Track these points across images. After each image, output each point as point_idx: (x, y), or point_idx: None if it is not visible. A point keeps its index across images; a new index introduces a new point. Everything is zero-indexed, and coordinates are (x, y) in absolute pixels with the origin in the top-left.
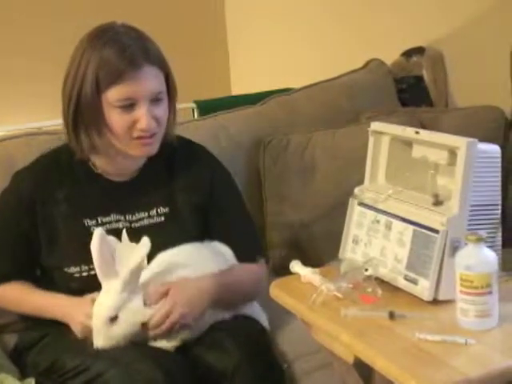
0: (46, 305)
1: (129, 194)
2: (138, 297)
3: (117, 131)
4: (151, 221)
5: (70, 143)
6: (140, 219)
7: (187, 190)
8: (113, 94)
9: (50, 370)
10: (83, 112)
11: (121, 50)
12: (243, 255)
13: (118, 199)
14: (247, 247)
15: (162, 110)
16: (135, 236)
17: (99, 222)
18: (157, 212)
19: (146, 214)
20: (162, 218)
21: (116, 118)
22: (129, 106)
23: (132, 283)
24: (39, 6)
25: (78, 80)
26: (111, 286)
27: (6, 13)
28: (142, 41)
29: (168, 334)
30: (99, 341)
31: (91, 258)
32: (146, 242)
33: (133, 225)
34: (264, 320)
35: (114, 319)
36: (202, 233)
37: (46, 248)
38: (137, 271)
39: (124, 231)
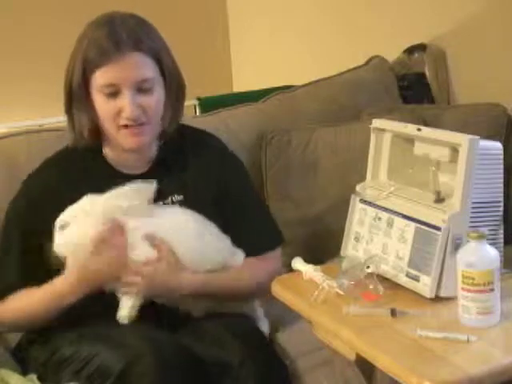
0: (53, 289)
1: None
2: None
3: (103, 118)
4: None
5: (69, 131)
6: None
7: (200, 179)
8: (97, 78)
9: (49, 361)
10: (74, 95)
11: (109, 33)
12: (261, 246)
13: None
14: (264, 237)
15: (151, 100)
16: None
17: None
18: (171, 200)
19: (161, 202)
20: (177, 206)
21: (102, 104)
22: (113, 92)
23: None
24: (39, 5)
25: (71, 63)
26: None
27: (6, 13)
28: (138, 28)
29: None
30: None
31: None
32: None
33: None
34: (265, 325)
35: (64, 226)
36: (215, 221)
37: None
38: (113, 207)
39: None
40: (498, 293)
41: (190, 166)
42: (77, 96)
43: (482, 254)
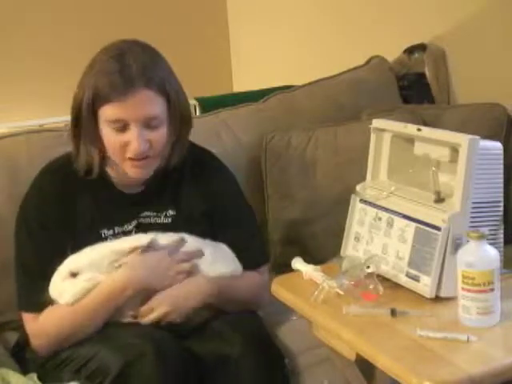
0: (101, 293)
1: (140, 205)
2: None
3: (110, 149)
4: (158, 220)
5: (75, 156)
6: (147, 216)
7: (195, 197)
8: (106, 112)
9: (49, 360)
10: (82, 125)
11: (122, 68)
12: (248, 262)
13: (131, 210)
14: (252, 255)
15: (157, 135)
16: (141, 230)
17: (116, 232)
18: (165, 215)
19: (154, 213)
20: (170, 220)
21: (109, 136)
22: (122, 127)
23: (110, 260)
24: (39, 5)
25: (80, 91)
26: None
27: (6, 12)
28: (149, 63)
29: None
30: (52, 286)
31: None
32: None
33: (140, 220)
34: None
35: (73, 275)
36: (206, 235)
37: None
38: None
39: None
40: (498, 293)
41: (184, 182)
42: (85, 126)
43: (482, 254)
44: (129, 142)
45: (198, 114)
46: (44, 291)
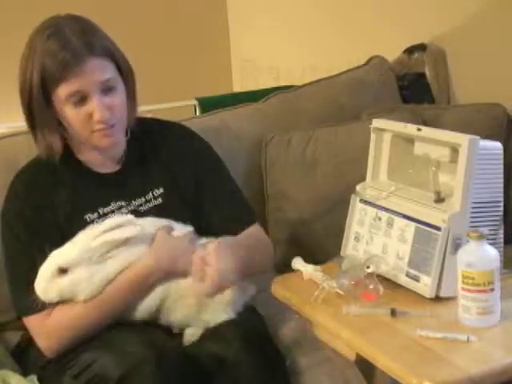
0: (128, 276)
1: (120, 183)
2: (99, 268)
3: (75, 127)
4: (149, 205)
5: (38, 147)
6: (139, 205)
7: (174, 167)
8: (62, 91)
9: (50, 363)
10: (34, 109)
11: (62, 45)
12: (242, 220)
13: (112, 189)
14: (242, 213)
15: (116, 99)
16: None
17: (101, 213)
18: (153, 195)
19: (143, 199)
20: (160, 200)
21: (71, 114)
22: (80, 99)
23: (101, 252)
24: (39, 5)
25: (27, 78)
26: (83, 240)
27: (6, 12)
28: (86, 32)
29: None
30: (40, 285)
31: None
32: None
33: (138, 209)
34: (252, 290)
35: (63, 271)
36: (198, 207)
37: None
38: (109, 243)
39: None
40: (498, 293)
41: (162, 158)
42: (38, 111)
43: (482, 254)
44: (92, 113)
45: (198, 114)
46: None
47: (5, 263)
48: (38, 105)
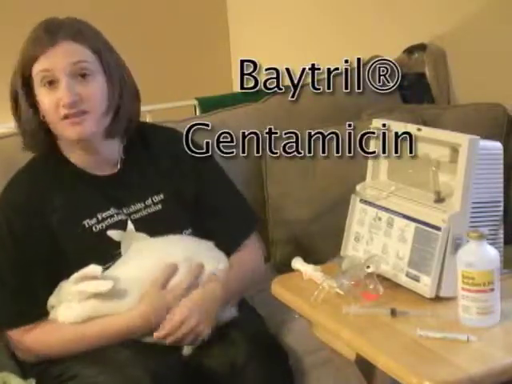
0: (120, 324)
1: (118, 187)
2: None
3: (48, 114)
4: (149, 210)
5: (21, 136)
6: (138, 210)
7: (174, 173)
8: (35, 70)
9: (47, 371)
10: (19, 96)
11: (46, 27)
12: (241, 231)
13: (109, 193)
14: (241, 225)
15: (90, 89)
16: (136, 228)
17: (99, 218)
18: (152, 201)
19: (142, 204)
20: (160, 206)
21: (44, 98)
22: (51, 82)
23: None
24: (39, 5)
25: (13, 76)
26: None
27: (6, 12)
28: (78, 24)
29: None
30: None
31: (101, 260)
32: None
33: (132, 216)
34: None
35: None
36: (197, 215)
37: (53, 262)
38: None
39: (129, 222)
40: (498, 293)
41: (160, 164)
42: (21, 96)
43: (482, 254)
44: (60, 98)
45: (197, 114)
46: (24, 304)
47: None
48: (21, 89)
